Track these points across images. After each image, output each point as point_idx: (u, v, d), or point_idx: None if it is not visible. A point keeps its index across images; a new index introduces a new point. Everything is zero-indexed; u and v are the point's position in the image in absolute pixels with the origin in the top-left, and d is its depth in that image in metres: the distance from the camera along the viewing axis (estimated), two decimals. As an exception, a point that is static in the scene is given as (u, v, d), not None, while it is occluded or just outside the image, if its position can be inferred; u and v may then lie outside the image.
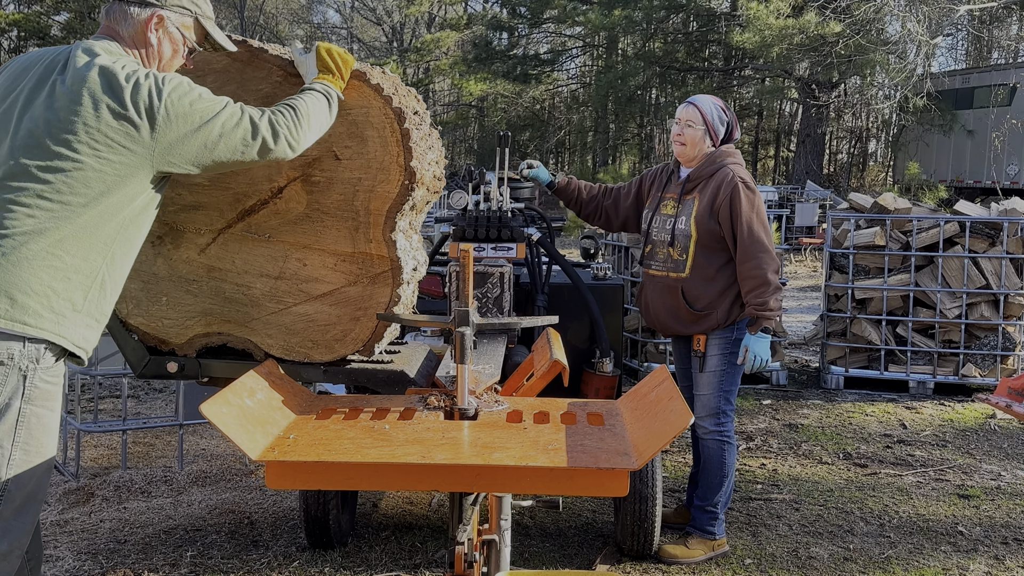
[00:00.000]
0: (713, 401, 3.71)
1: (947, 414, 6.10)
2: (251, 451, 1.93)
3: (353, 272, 2.65)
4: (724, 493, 3.75)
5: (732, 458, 3.74)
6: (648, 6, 20.75)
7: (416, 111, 2.71)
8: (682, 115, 3.76)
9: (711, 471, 3.73)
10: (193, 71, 2.59)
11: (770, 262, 3.58)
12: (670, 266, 3.73)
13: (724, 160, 3.70)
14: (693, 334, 3.73)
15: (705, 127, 3.71)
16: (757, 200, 3.64)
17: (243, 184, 2.65)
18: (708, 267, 3.66)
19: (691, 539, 3.74)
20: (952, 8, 17.22)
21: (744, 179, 3.64)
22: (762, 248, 3.57)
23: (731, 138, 3.80)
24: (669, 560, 3.68)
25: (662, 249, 3.77)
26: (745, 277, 3.59)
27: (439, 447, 2.02)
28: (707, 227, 3.63)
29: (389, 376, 2.75)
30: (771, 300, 3.56)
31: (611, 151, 27.38)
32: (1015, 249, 6.41)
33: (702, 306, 3.67)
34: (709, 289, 3.66)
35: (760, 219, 3.61)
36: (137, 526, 3.96)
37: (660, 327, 3.89)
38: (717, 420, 3.71)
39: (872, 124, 28.11)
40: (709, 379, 3.72)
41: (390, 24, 34.09)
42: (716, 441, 3.71)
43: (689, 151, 3.74)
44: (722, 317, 3.66)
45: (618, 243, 7.08)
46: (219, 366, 2.79)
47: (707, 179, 3.69)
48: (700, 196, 3.67)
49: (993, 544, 3.96)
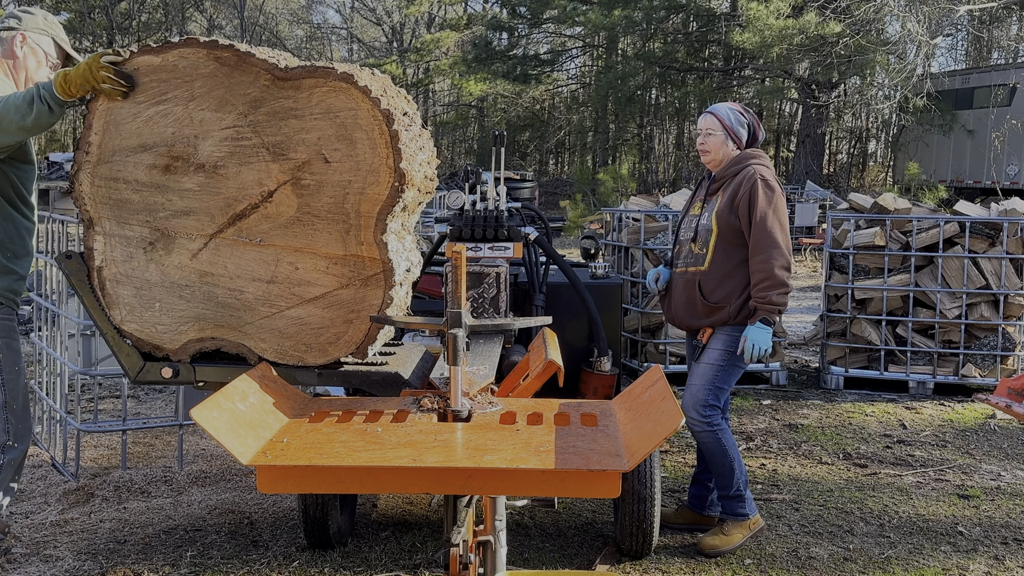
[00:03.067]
0: (701, 393, 3.72)
1: (947, 414, 6.09)
2: (242, 456, 1.92)
3: (345, 275, 2.64)
4: (739, 474, 3.78)
5: (730, 441, 3.76)
6: (648, 6, 20.75)
7: (406, 112, 2.70)
8: (702, 125, 3.85)
9: (716, 461, 3.77)
10: (181, 76, 2.62)
11: (779, 258, 3.60)
12: (691, 261, 3.80)
13: (748, 160, 3.77)
14: (704, 327, 3.75)
15: (725, 132, 3.78)
16: (776, 198, 3.68)
17: (233, 189, 2.65)
18: (727, 262, 3.70)
19: (726, 525, 3.80)
20: (952, 8, 17.21)
21: (765, 176, 3.70)
22: (773, 244, 3.60)
23: (756, 140, 3.87)
24: (712, 552, 3.73)
25: (686, 246, 3.84)
26: (753, 270, 3.63)
27: (431, 450, 2.01)
28: (727, 222, 3.68)
29: (383, 378, 2.75)
30: (774, 295, 3.59)
31: (611, 151, 27.37)
32: (1015, 249, 6.40)
33: (716, 299, 3.70)
34: (725, 284, 3.70)
35: (777, 216, 3.65)
36: (137, 526, 3.96)
37: (678, 322, 3.90)
38: (702, 412, 3.72)
39: (872, 124, 28.10)
40: (704, 371, 3.74)
41: (390, 24, 34.12)
42: (707, 432, 3.73)
43: (714, 157, 3.81)
44: (733, 312, 3.69)
45: (618, 243, 7.08)
46: (213, 371, 2.79)
47: (731, 178, 3.76)
48: (723, 194, 3.75)
49: (993, 544, 3.96)
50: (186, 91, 2.63)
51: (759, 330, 3.60)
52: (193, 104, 2.63)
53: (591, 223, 14.85)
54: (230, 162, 2.63)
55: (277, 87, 2.59)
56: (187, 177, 2.66)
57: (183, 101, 2.63)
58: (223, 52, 2.60)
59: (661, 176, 27.33)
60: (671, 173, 27.71)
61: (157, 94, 2.65)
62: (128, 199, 2.70)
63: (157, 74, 2.65)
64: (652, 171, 27.05)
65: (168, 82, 2.64)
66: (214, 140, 2.63)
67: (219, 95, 2.61)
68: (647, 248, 6.83)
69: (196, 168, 2.65)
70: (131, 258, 2.73)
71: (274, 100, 2.59)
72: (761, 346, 3.60)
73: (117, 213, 2.72)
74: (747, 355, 3.63)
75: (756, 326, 3.61)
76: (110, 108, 2.68)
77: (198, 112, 2.63)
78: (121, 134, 2.68)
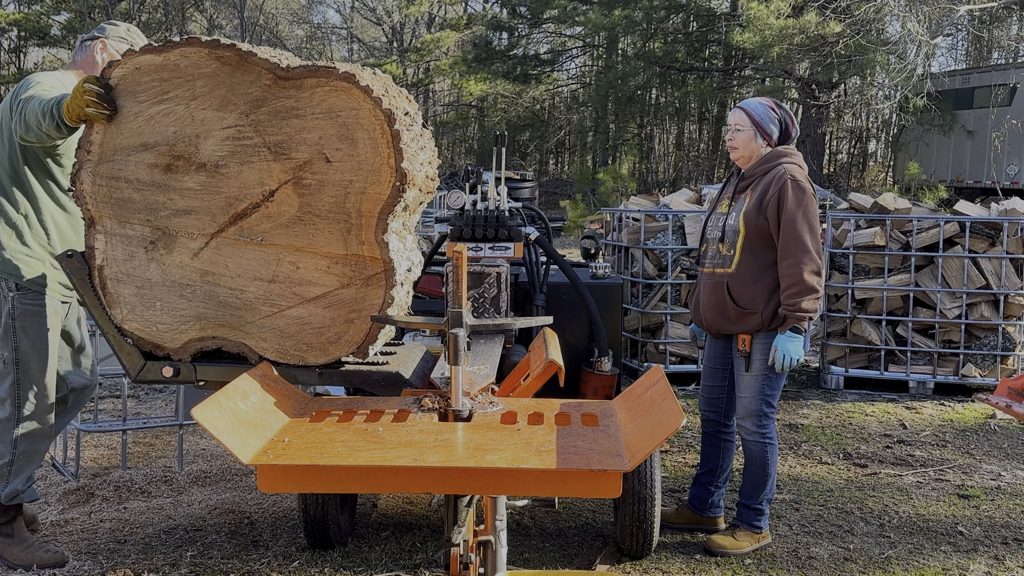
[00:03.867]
0: (755, 404, 3.72)
1: (947, 414, 6.09)
2: (243, 455, 1.92)
3: (346, 274, 2.65)
4: (768, 491, 3.81)
5: (774, 458, 3.79)
6: (648, 6, 20.75)
7: (407, 112, 2.70)
8: (731, 120, 3.77)
9: (754, 471, 3.78)
10: (183, 75, 2.62)
11: (809, 263, 3.54)
12: (718, 262, 3.75)
13: (779, 159, 3.69)
14: (737, 333, 3.72)
15: (754, 128, 3.70)
16: (807, 199, 3.60)
17: (234, 188, 2.65)
18: (754, 264, 3.65)
19: (739, 532, 3.81)
20: (952, 8, 17.20)
21: (796, 177, 3.61)
22: (802, 248, 3.54)
23: (789, 137, 3.77)
24: (717, 551, 3.75)
25: (712, 246, 3.79)
26: (782, 275, 3.59)
27: (432, 449, 2.01)
28: (755, 223, 3.62)
29: (384, 378, 2.75)
30: (804, 302, 3.54)
31: (611, 151, 27.35)
32: (1015, 249, 6.40)
33: (746, 303, 3.65)
34: (754, 287, 3.64)
35: (807, 218, 3.57)
36: (137, 526, 3.95)
37: (706, 324, 3.85)
38: (758, 422, 3.73)
39: (872, 124, 28.08)
40: (751, 381, 3.72)
41: (390, 24, 34.09)
42: (758, 443, 3.75)
43: (742, 153, 3.74)
44: (767, 318, 3.64)
45: (618, 243, 7.08)
46: (214, 370, 2.79)
47: (760, 177, 3.69)
48: (752, 193, 3.68)
49: (993, 544, 3.96)
50: (188, 90, 2.63)
51: (789, 339, 3.57)
52: (195, 103, 2.63)
53: (591, 223, 14.83)
54: (231, 161, 2.63)
55: (279, 87, 2.59)
56: (188, 176, 2.66)
57: (185, 100, 2.63)
58: (225, 51, 2.60)
59: (661, 176, 27.32)
60: (671, 173, 27.69)
61: (159, 93, 2.65)
62: (129, 198, 2.70)
63: (159, 73, 2.65)
64: (652, 171, 27.04)
65: (170, 81, 2.64)
66: (215, 139, 2.63)
67: (221, 94, 2.61)
68: (647, 248, 6.83)
69: (197, 167, 2.65)
70: (132, 257, 2.73)
71: (276, 100, 2.59)
72: (793, 356, 3.57)
73: (118, 212, 2.72)
74: (778, 365, 3.60)
75: (786, 335, 3.57)
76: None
77: (200, 111, 2.63)
78: (122, 133, 2.69)
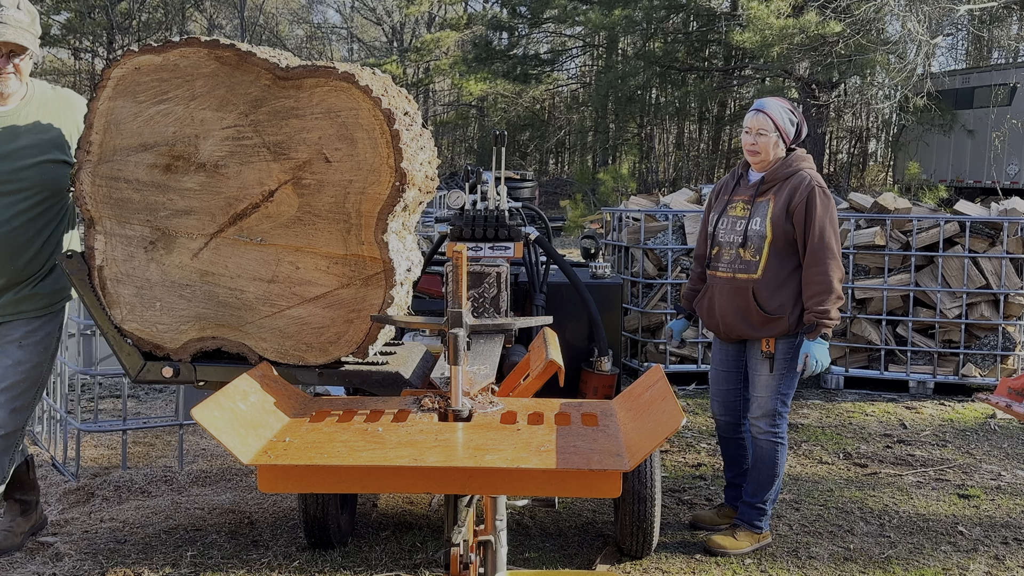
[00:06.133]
0: (770, 403, 3.75)
1: (947, 414, 6.09)
2: (243, 455, 1.92)
3: (346, 274, 2.64)
4: (773, 491, 3.82)
5: (783, 458, 3.81)
6: (648, 6, 20.73)
7: (407, 111, 2.70)
8: (752, 124, 3.74)
9: (762, 469, 3.80)
10: (182, 75, 2.61)
11: (836, 270, 3.61)
12: (739, 267, 3.74)
13: (800, 164, 3.74)
14: (762, 338, 3.73)
15: (777, 132, 3.73)
16: (831, 206, 3.67)
17: (234, 188, 2.65)
18: (780, 269, 3.68)
19: (739, 531, 3.82)
20: (952, 8, 17.20)
21: (821, 184, 3.68)
22: (831, 254, 3.60)
23: (799, 137, 3.80)
24: (717, 551, 3.76)
25: (730, 250, 3.78)
26: (809, 281, 3.62)
27: (432, 449, 2.01)
28: (783, 228, 3.66)
29: (384, 378, 2.75)
30: (832, 308, 3.59)
31: (611, 151, 27.34)
32: (1015, 249, 6.40)
33: (773, 308, 3.67)
34: (781, 292, 3.67)
35: (833, 225, 3.64)
36: (137, 526, 3.95)
37: (725, 329, 3.84)
38: (772, 421, 3.76)
39: (872, 124, 28.07)
40: (766, 381, 3.75)
41: (390, 24, 34.09)
42: (770, 442, 3.78)
43: (764, 159, 3.76)
44: (793, 323, 3.68)
45: (618, 243, 7.08)
46: (214, 370, 2.79)
47: (782, 181, 3.71)
48: (776, 198, 3.69)
49: (993, 544, 3.96)
50: (187, 90, 2.63)
51: (819, 345, 3.61)
52: (194, 103, 2.63)
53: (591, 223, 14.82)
54: (231, 161, 2.63)
55: (278, 87, 2.59)
56: (188, 176, 2.66)
57: (184, 100, 2.63)
58: (224, 51, 2.60)
59: (661, 176, 27.30)
60: (671, 173, 27.68)
61: (158, 93, 2.65)
62: (129, 198, 2.70)
63: (158, 73, 2.64)
64: (652, 171, 27.02)
65: (169, 81, 2.64)
66: (215, 139, 2.63)
67: (220, 94, 2.61)
68: (647, 248, 6.83)
69: (197, 167, 2.65)
70: (132, 257, 2.73)
71: (275, 100, 2.59)
72: (823, 362, 3.62)
73: (118, 212, 2.72)
74: (808, 371, 3.63)
75: (816, 341, 3.61)
76: (111, 107, 2.68)
77: (199, 111, 2.63)
78: (122, 133, 2.68)
